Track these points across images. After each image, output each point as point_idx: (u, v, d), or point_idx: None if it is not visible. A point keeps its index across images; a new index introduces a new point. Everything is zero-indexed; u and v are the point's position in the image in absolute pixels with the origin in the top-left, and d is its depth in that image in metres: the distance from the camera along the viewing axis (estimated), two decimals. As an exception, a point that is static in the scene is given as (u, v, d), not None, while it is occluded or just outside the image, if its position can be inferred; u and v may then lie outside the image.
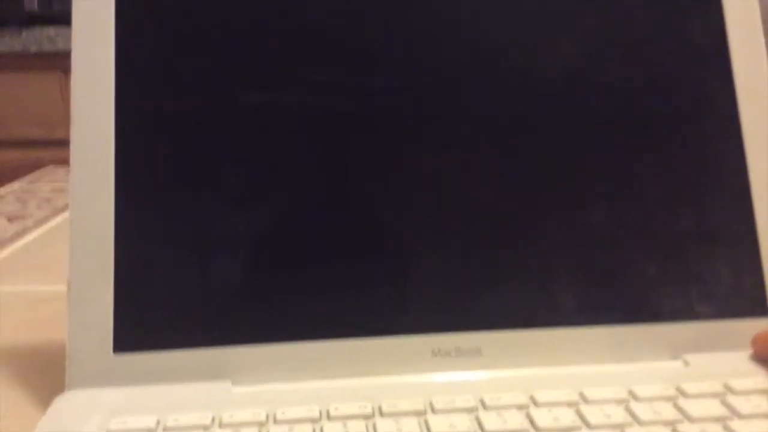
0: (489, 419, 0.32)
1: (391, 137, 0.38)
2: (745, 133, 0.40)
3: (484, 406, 0.33)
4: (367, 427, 0.32)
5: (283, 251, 0.37)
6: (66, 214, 0.74)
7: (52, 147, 1.31)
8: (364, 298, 0.37)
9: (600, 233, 0.39)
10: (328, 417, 0.32)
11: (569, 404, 0.33)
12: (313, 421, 0.32)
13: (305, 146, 0.38)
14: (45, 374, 0.39)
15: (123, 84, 0.37)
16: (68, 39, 0.36)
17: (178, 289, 0.36)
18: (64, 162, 0.36)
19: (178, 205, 0.37)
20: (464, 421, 0.32)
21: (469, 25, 0.39)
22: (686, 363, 0.37)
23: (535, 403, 0.33)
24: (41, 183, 0.97)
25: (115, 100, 0.37)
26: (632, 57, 0.40)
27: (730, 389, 0.34)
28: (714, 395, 0.33)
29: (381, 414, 0.32)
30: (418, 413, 0.32)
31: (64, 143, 0.36)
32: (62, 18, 1.47)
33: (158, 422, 0.32)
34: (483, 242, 0.38)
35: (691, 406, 0.32)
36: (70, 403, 0.34)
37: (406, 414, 0.32)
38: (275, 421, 0.32)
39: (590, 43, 0.40)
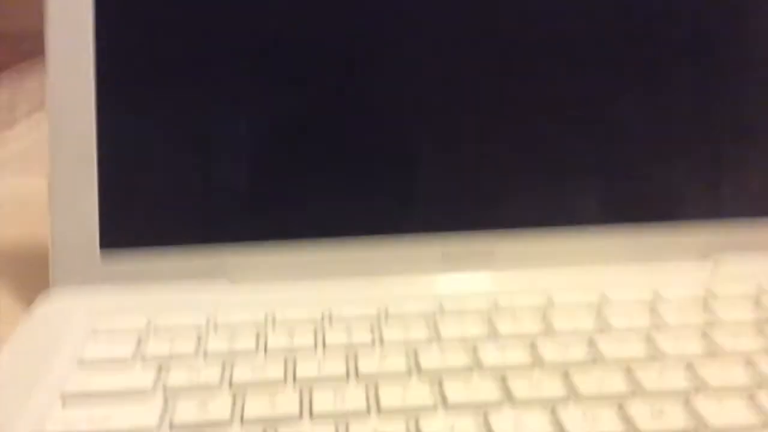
0: (503, 322, 0.30)
1: (398, 27, 0.34)
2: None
3: (498, 309, 0.31)
4: (371, 329, 0.29)
5: (284, 144, 0.34)
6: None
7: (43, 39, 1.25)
8: (370, 196, 0.34)
9: (624, 127, 0.35)
10: (331, 319, 0.30)
11: (590, 306, 0.31)
12: (315, 322, 0.30)
13: (307, 35, 0.34)
14: (31, 272, 0.37)
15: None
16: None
17: (170, 182, 0.34)
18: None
19: (167, 92, 0.34)
20: (476, 323, 0.30)
21: None
22: (716, 263, 0.34)
23: (553, 305, 0.31)
24: (31, 74, 0.93)
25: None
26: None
27: (764, 291, 0.31)
28: (747, 297, 0.31)
29: (387, 316, 0.30)
30: (427, 315, 0.30)
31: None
32: None
33: (148, 322, 0.30)
34: (497, 138, 0.35)
35: (723, 309, 0.30)
36: (53, 302, 0.32)
37: (413, 316, 0.30)
38: (274, 322, 0.30)
39: None
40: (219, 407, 0.25)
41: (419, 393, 0.26)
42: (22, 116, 0.70)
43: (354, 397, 0.26)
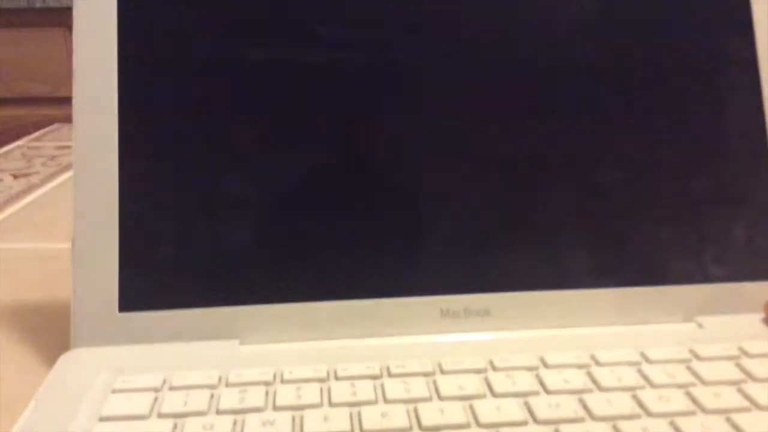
0: (498, 381, 0.31)
1: (400, 94, 0.37)
2: (765, 93, 0.39)
3: (494, 368, 0.33)
4: (374, 387, 0.31)
5: (291, 210, 0.36)
6: (72, 172, 0.74)
7: (58, 104, 1.30)
8: (373, 259, 0.36)
9: (612, 194, 0.38)
10: (336, 377, 0.32)
11: (580, 366, 0.33)
12: (321, 381, 0.32)
13: (313, 102, 0.37)
14: (51, 332, 0.39)
15: (126, 36, 0.36)
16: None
17: (184, 248, 0.36)
18: (70, 119, 0.35)
19: (184, 161, 0.36)
20: (473, 382, 0.31)
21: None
22: (699, 325, 0.36)
23: (545, 365, 0.33)
24: (47, 140, 0.96)
25: (118, 52, 0.36)
26: (649, 12, 0.39)
27: (744, 352, 0.33)
28: (728, 358, 0.33)
29: (389, 375, 0.32)
30: (427, 374, 0.32)
31: (69, 100, 0.35)
32: (66, -28, 1.45)
33: (164, 381, 0.32)
34: (493, 203, 0.37)
35: (705, 369, 0.32)
36: (75, 361, 0.33)
37: (414, 375, 0.32)
38: (282, 381, 0.32)
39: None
40: (231, 461, 0.27)
41: (419, 448, 0.28)
42: (38, 182, 0.73)
43: (358, 451, 0.27)
